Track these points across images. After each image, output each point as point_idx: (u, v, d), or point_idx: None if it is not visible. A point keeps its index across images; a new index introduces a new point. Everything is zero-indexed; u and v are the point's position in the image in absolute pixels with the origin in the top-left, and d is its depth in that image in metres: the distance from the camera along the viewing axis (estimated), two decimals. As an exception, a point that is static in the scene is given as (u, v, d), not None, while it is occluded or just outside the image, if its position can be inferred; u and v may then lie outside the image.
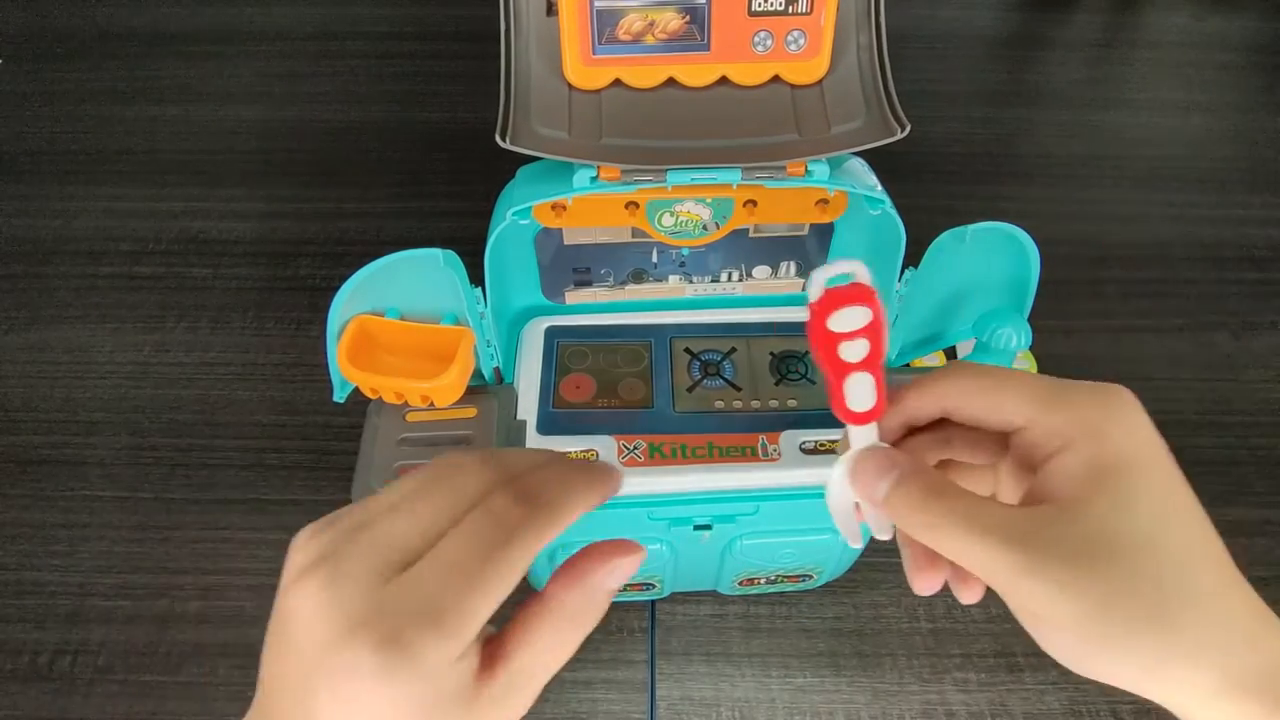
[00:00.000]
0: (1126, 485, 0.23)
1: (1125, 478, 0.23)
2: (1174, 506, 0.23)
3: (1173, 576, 0.22)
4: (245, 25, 0.89)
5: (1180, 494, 0.23)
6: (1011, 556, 0.22)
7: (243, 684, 0.45)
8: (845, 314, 0.26)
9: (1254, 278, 0.66)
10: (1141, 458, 0.23)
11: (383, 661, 0.21)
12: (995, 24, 0.94)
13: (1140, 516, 0.22)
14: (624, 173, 0.34)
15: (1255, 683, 0.21)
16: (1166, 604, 0.22)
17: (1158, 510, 0.23)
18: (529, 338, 0.44)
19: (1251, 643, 0.22)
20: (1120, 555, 0.22)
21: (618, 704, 0.44)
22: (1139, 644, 0.22)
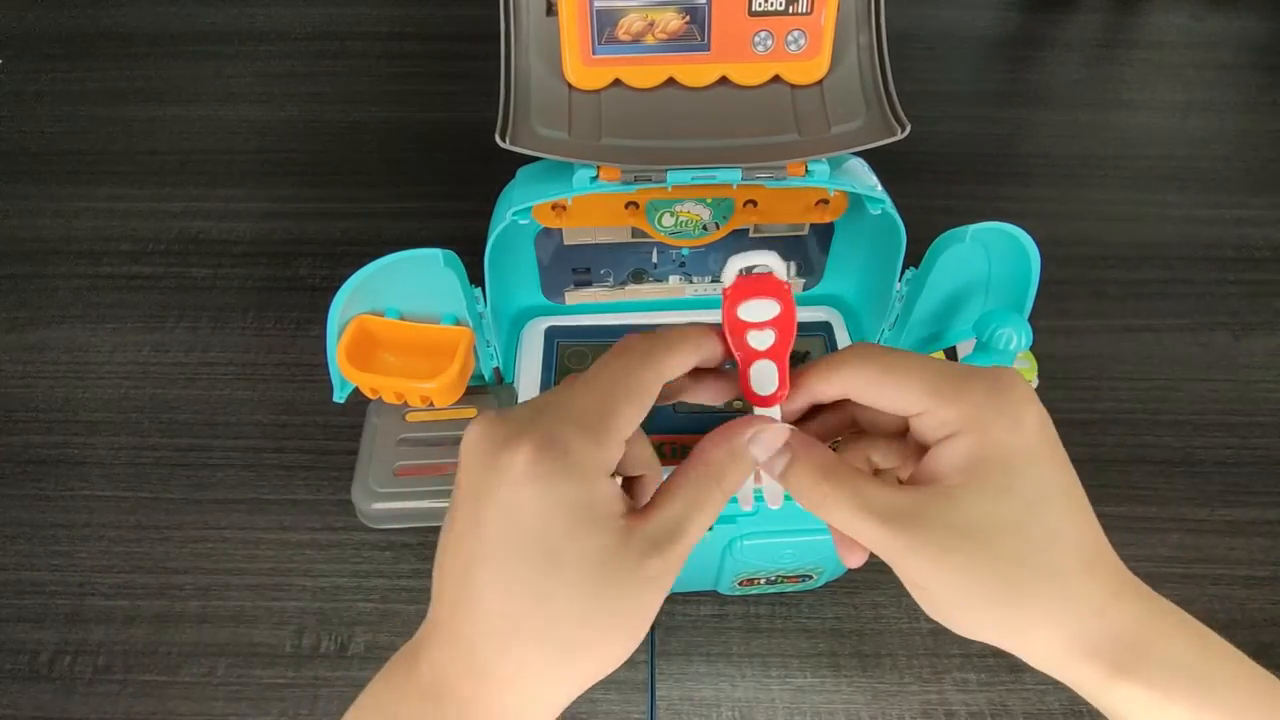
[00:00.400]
0: (1002, 476, 0.25)
1: (1002, 469, 0.25)
2: (1045, 496, 0.25)
3: (1033, 558, 0.25)
4: (245, 25, 0.89)
5: (1054, 484, 0.26)
6: (891, 535, 0.26)
7: (242, 684, 0.45)
8: (755, 305, 0.28)
9: (1254, 278, 0.66)
10: (1020, 451, 0.25)
11: (534, 460, 0.24)
12: (995, 24, 0.94)
13: (1011, 505, 0.25)
14: (624, 173, 0.34)
15: (1097, 647, 0.25)
16: (1023, 582, 0.25)
17: (1029, 499, 0.25)
18: (529, 338, 0.44)
19: (1100, 614, 0.25)
20: (988, 539, 0.25)
21: (618, 704, 0.44)
22: (1000, 615, 0.26)
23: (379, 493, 0.37)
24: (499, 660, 0.25)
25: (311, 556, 0.49)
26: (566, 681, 0.25)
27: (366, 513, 0.37)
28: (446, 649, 0.25)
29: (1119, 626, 0.25)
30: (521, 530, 0.24)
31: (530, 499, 0.24)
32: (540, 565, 0.24)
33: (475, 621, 0.25)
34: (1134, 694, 0.25)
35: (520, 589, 0.24)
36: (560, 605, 0.24)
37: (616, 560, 0.25)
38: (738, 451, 0.27)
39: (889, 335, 0.42)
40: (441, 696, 0.25)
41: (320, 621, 0.47)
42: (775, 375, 0.28)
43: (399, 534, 0.50)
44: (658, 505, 0.26)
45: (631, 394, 0.26)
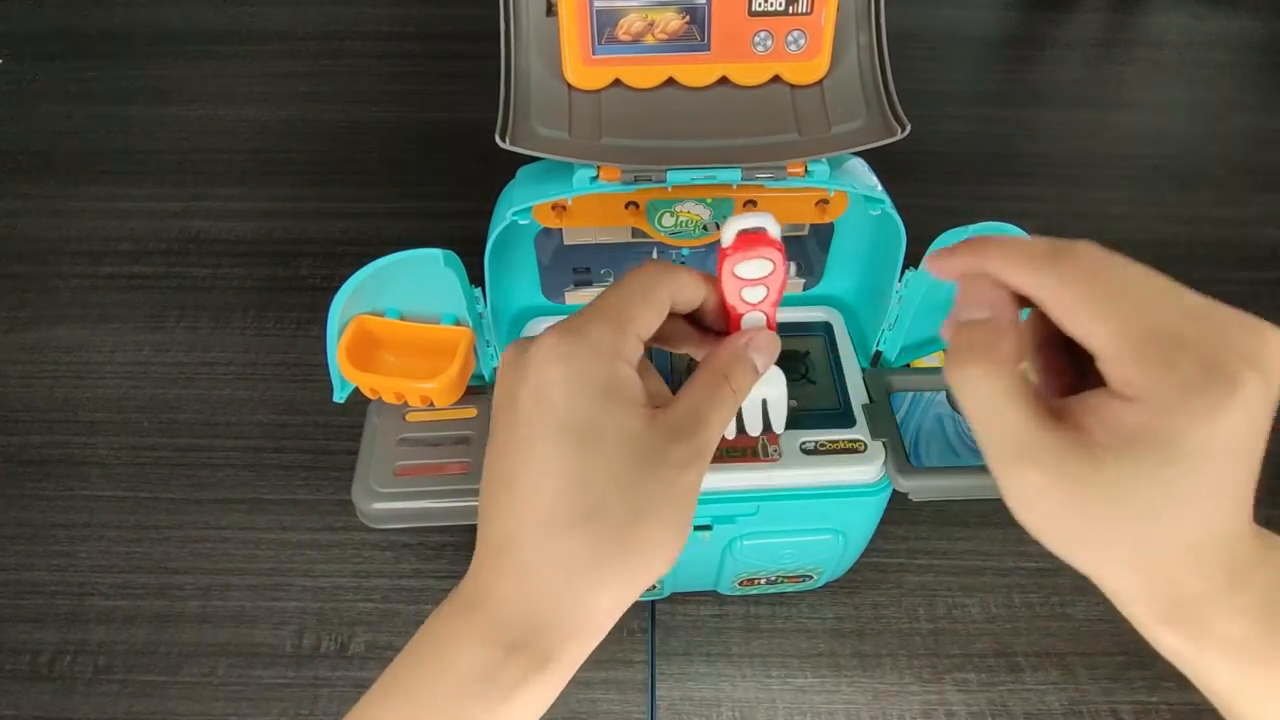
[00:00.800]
0: (1159, 462, 0.23)
1: (1163, 455, 0.23)
2: (1200, 494, 0.23)
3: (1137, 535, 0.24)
4: (245, 25, 0.89)
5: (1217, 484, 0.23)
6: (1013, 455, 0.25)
7: (242, 684, 0.45)
8: (751, 262, 0.29)
9: (1254, 278, 0.66)
10: (1197, 447, 0.22)
11: (557, 343, 0.26)
12: (995, 24, 0.94)
13: (1155, 489, 0.23)
14: (624, 173, 0.34)
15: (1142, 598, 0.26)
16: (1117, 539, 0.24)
17: (1179, 491, 0.23)
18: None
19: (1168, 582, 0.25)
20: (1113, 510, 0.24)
21: (618, 704, 0.44)
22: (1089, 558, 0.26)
23: (379, 493, 0.37)
24: (541, 554, 0.25)
25: (311, 556, 0.49)
26: (608, 587, 0.26)
27: (366, 513, 0.37)
28: (493, 560, 0.26)
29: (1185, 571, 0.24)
30: (554, 409, 0.26)
31: (558, 377, 0.26)
32: (576, 444, 0.25)
33: (521, 517, 0.26)
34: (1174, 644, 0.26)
35: (562, 470, 0.25)
36: (600, 484, 0.25)
37: (646, 441, 0.26)
38: (739, 353, 0.29)
39: (889, 335, 0.42)
40: (479, 603, 0.26)
41: (320, 621, 0.47)
42: (764, 324, 0.31)
43: (399, 534, 0.50)
44: (676, 401, 0.28)
45: (648, 298, 0.28)
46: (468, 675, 0.25)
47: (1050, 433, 0.24)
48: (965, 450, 0.40)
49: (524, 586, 0.25)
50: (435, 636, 0.26)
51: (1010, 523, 0.55)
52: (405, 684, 0.26)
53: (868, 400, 0.41)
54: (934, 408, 0.42)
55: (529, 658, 0.25)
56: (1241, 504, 0.24)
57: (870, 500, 0.39)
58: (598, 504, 0.25)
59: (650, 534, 0.26)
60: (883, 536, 0.47)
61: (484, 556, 0.27)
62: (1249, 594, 0.24)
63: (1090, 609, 0.48)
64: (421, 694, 0.25)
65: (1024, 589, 0.49)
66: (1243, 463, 0.23)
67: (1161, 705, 0.44)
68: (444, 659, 0.25)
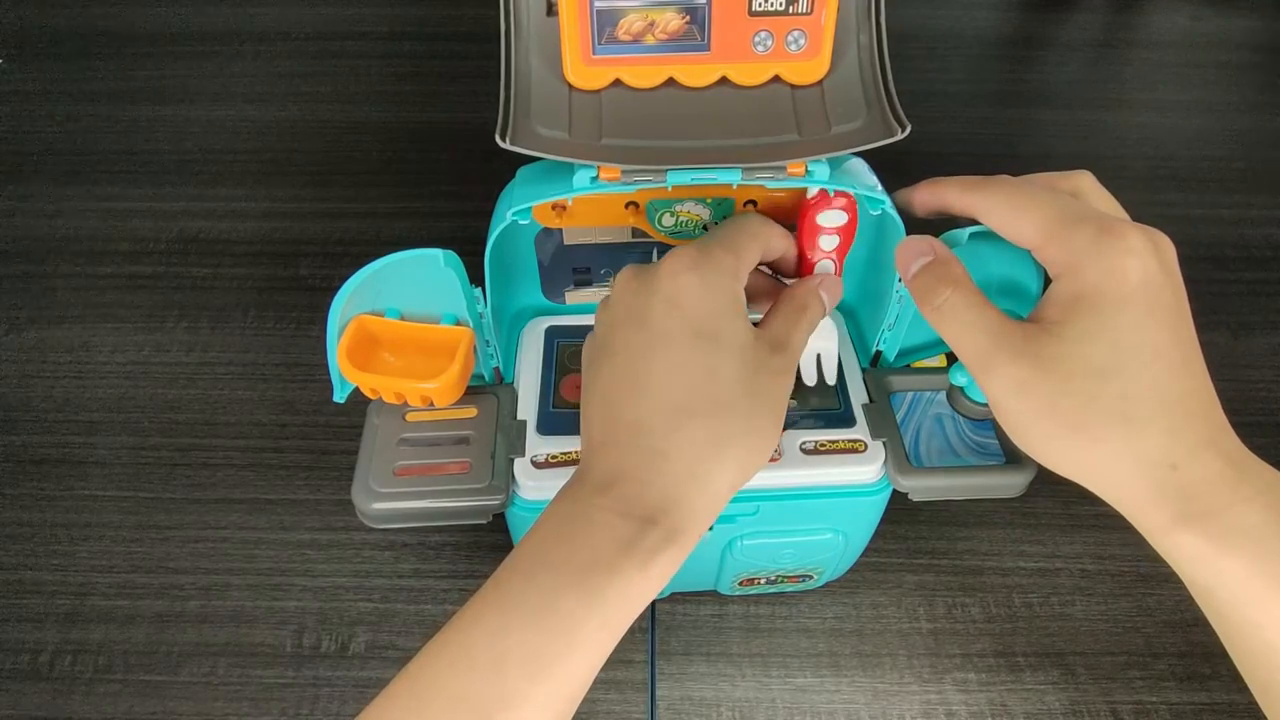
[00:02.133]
0: (1091, 319, 0.28)
1: (1093, 312, 0.28)
2: (1131, 346, 0.27)
3: (1107, 401, 0.27)
4: (245, 25, 0.89)
5: (1144, 337, 0.27)
6: (988, 352, 0.29)
7: (242, 684, 0.45)
8: (830, 214, 0.35)
9: (1254, 278, 0.66)
10: (1112, 298, 0.27)
11: (693, 260, 0.31)
12: (995, 24, 0.94)
13: (1096, 348, 0.27)
14: (624, 173, 0.34)
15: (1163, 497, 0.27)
16: (1094, 422, 0.27)
17: (1114, 345, 0.27)
18: (529, 338, 0.44)
19: (1174, 467, 0.27)
20: (1070, 375, 0.27)
21: (618, 704, 0.44)
22: (1070, 446, 0.28)
23: (379, 493, 0.37)
24: (673, 438, 0.29)
25: (311, 556, 0.49)
26: (728, 468, 0.29)
27: (366, 513, 0.37)
28: (624, 444, 0.30)
29: (1191, 482, 0.27)
30: (686, 313, 0.30)
31: (693, 284, 0.30)
32: (704, 344, 0.30)
33: (655, 405, 0.29)
34: (1191, 545, 0.27)
35: (693, 366, 0.29)
36: (723, 381, 0.29)
37: (754, 349, 0.31)
38: (813, 289, 0.35)
39: (889, 336, 0.42)
40: (615, 485, 0.29)
41: (320, 621, 0.47)
42: (834, 271, 0.37)
43: (399, 534, 0.50)
44: (768, 322, 0.33)
45: (756, 238, 0.33)
46: (608, 546, 0.27)
47: (1017, 325, 0.29)
48: (965, 450, 0.40)
49: (657, 466, 0.29)
50: (569, 514, 0.29)
51: (1010, 523, 0.56)
52: (545, 556, 0.28)
53: (868, 400, 0.41)
54: (934, 408, 0.42)
55: (663, 530, 0.28)
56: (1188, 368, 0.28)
57: (870, 500, 0.39)
58: (722, 397, 0.29)
59: (762, 423, 0.30)
60: (883, 536, 0.47)
61: (608, 443, 0.30)
62: (1252, 484, 0.27)
63: (1090, 609, 0.48)
64: (564, 566, 0.27)
65: (1024, 589, 0.49)
66: (1162, 316, 0.28)
67: (1161, 705, 0.44)
68: (584, 532, 0.28)
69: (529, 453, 0.38)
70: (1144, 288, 0.28)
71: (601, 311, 0.34)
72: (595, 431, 0.31)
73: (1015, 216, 0.30)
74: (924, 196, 0.34)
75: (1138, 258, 0.28)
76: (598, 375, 0.32)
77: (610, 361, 0.31)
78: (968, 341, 0.30)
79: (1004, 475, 0.39)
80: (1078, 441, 0.28)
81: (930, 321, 0.31)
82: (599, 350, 0.33)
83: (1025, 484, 0.39)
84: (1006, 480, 0.39)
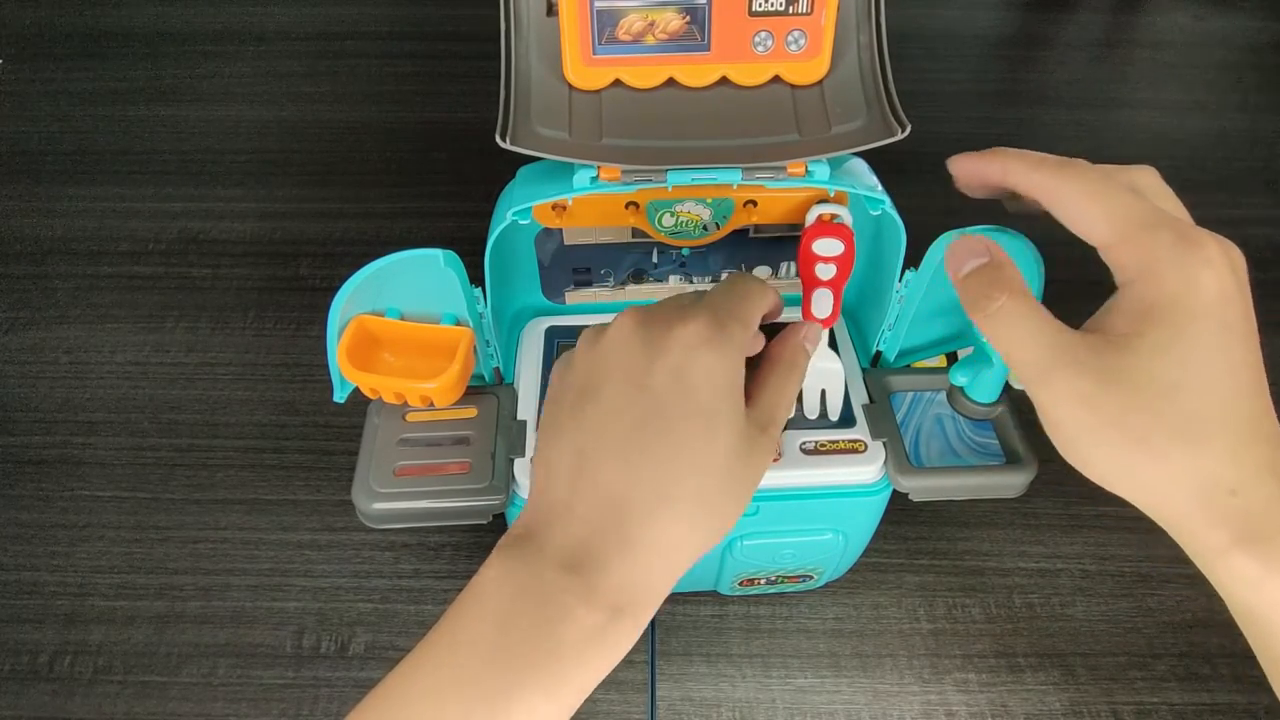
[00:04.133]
0: (1164, 331, 0.26)
1: (1167, 325, 0.26)
2: (1204, 362, 0.26)
3: (1172, 419, 0.26)
4: (245, 25, 0.89)
5: (1218, 354, 0.26)
6: (1046, 363, 0.27)
7: (241, 684, 0.45)
8: (825, 242, 0.36)
9: (1254, 278, 0.66)
10: (1188, 311, 0.26)
11: (709, 331, 0.29)
12: (995, 24, 0.94)
13: (1165, 363, 0.26)
14: (624, 173, 0.34)
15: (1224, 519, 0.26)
16: (1155, 440, 0.26)
17: (1185, 361, 0.26)
18: (529, 338, 0.44)
19: (1233, 492, 0.26)
20: (1134, 389, 0.26)
21: (618, 704, 0.44)
22: (1127, 464, 0.26)
23: (379, 493, 0.37)
24: (653, 525, 0.27)
25: (311, 556, 0.49)
26: (696, 548, 0.29)
27: (366, 513, 0.37)
28: (585, 523, 0.28)
29: (1250, 506, 0.26)
30: (691, 389, 0.28)
31: (706, 362, 0.28)
32: (702, 427, 0.28)
33: (631, 486, 0.28)
34: (1245, 567, 0.26)
35: (684, 450, 0.28)
36: (713, 470, 0.28)
37: (746, 432, 0.29)
38: (798, 345, 0.34)
39: (889, 336, 0.42)
40: (583, 567, 0.27)
41: (320, 621, 0.47)
42: (831, 303, 0.36)
43: (399, 534, 0.50)
44: (757, 395, 0.31)
45: (760, 304, 0.32)
46: (576, 637, 0.26)
47: (1080, 335, 0.27)
48: (965, 450, 0.40)
49: (633, 553, 0.27)
50: (529, 589, 0.27)
51: (1010, 523, 0.56)
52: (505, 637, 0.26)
53: (868, 400, 0.41)
54: (934, 408, 0.42)
55: (630, 616, 0.27)
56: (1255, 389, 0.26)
57: (870, 500, 0.39)
58: (709, 486, 0.28)
59: (736, 508, 0.29)
60: (883, 536, 0.47)
61: (577, 511, 0.28)
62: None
63: (1090, 609, 0.48)
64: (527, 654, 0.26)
65: (1024, 589, 0.49)
66: (1235, 334, 0.26)
67: (1162, 705, 0.44)
68: (549, 619, 0.26)
69: (529, 453, 0.38)
70: (1219, 303, 0.26)
71: (592, 346, 0.31)
72: (561, 488, 0.29)
73: (1090, 209, 0.28)
74: (982, 166, 0.32)
75: (1214, 270, 0.27)
76: (576, 419, 0.29)
77: (595, 411, 0.29)
78: (1023, 351, 0.28)
79: (1004, 475, 0.39)
80: (1138, 458, 0.26)
81: (980, 328, 0.29)
82: (582, 392, 0.30)
83: (1025, 484, 0.39)
84: (1006, 480, 0.39)
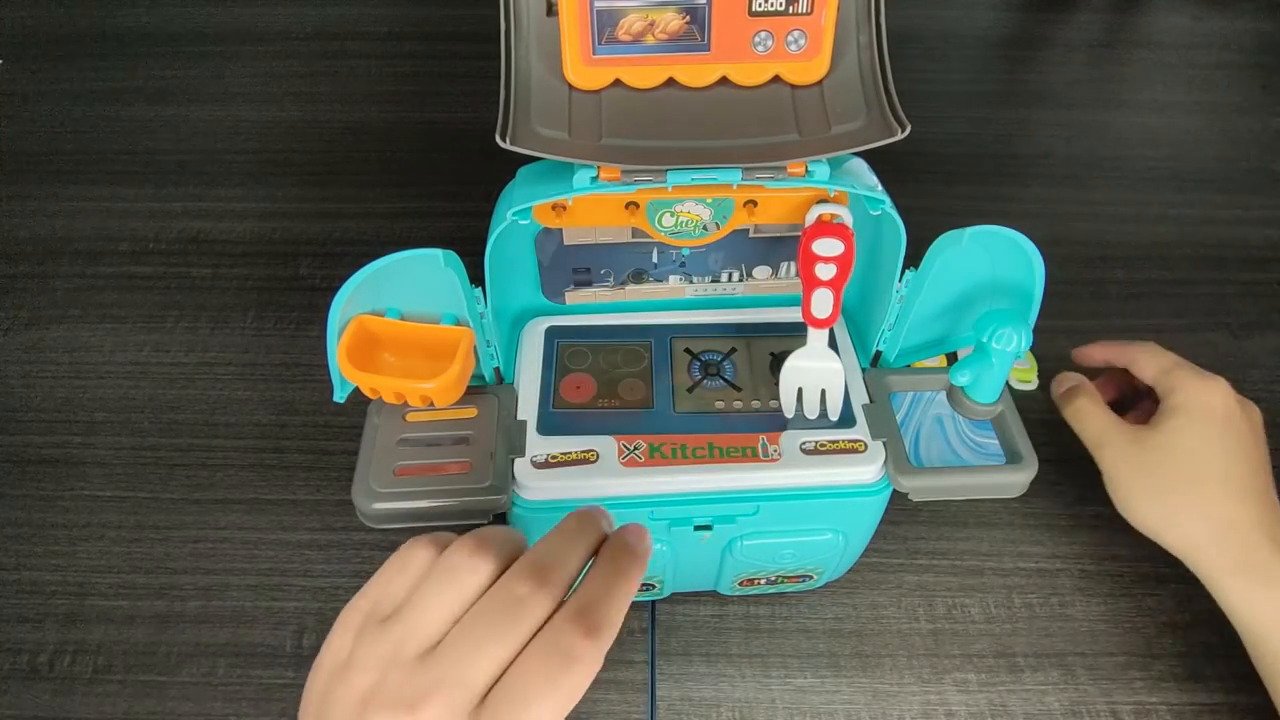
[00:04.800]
0: (1185, 421, 0.42)
1: (1183, 420, 0.42)
2: (1206, 444, 0.41)
3: (1185, 474, 0.41)
4: (245, 25, 0.89)
5: (1215, 442, 0.41)
6: (1108, 439, 0.43)
7: (241, 684, 0.45)
8: (825, 242, 0.36)
9: (1254, 278, 0.66)
10: (1202, 412, 0.41)
11: None
12: (995, 24, 0.94)
13: (1185, 438, 0.41)
14: (624, 173, 0.34)
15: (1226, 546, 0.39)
16: (1174, 489, 0.41)
17: (1195, 443, 0.41)
18: (529, 338, 0.44)
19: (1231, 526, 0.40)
20: (1161, 456, 0.41)
21: (618, 704, 0.44)
22: (1156, 506, 0.41)
23: (379, 493, 0.37)
24: None
25: (311, 556, 0.49)
26: None
27: (366, 513, 0.37)
28: None
29: (1244, 539, 0.39)
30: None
31: None
32: None
33: None
34: (1244, 588, 0.39)
35: None
36: None
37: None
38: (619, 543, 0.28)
39: (889, 336, 0.42)
40: None
41: (320, 621, 0.47)
42: (831, 302, 0.37)
43: (399, 534, 0.50)
44: None
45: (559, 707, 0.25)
46: None
47: (1121, 425, 0.44)
48: (965, 450, 0.40)
49: None
50: None
51: (1010, 523, 0.56)
52: None
53: (868, 400, 0.41)
54: (934, 408, 0.42)
55: None
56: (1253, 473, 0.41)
57: (870, 500, 0.39)
58: None
59: None
60: (883, 536, 0.47)
61: None
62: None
63: (1090, 609, 0.48)
64: None
65: (1024, 589, 0.49)
66: (1235, 435, 0.41)
67: (1161, 706, 0.44)
68: None
69: (529, 453, 0.38)
70: (1225, 414, 0.42)
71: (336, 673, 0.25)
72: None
73: (1147, 363, 0.45)
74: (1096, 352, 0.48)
75: (1223, 398, 0.42)
76: None
77: None
78: (1092, 428, 0.44)
79: (1004, 475, 0.39)
80: (1159, 499, 0.41)
81: (1067, 418, 0.45)
82: None
83: (1025, 484, 0.39)
84: (1006, 480, 0.39)
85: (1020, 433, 0.40)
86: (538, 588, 0.25)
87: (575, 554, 0.27)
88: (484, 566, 0.26)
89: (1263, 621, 0.38)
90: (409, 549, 0.27)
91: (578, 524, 0.28)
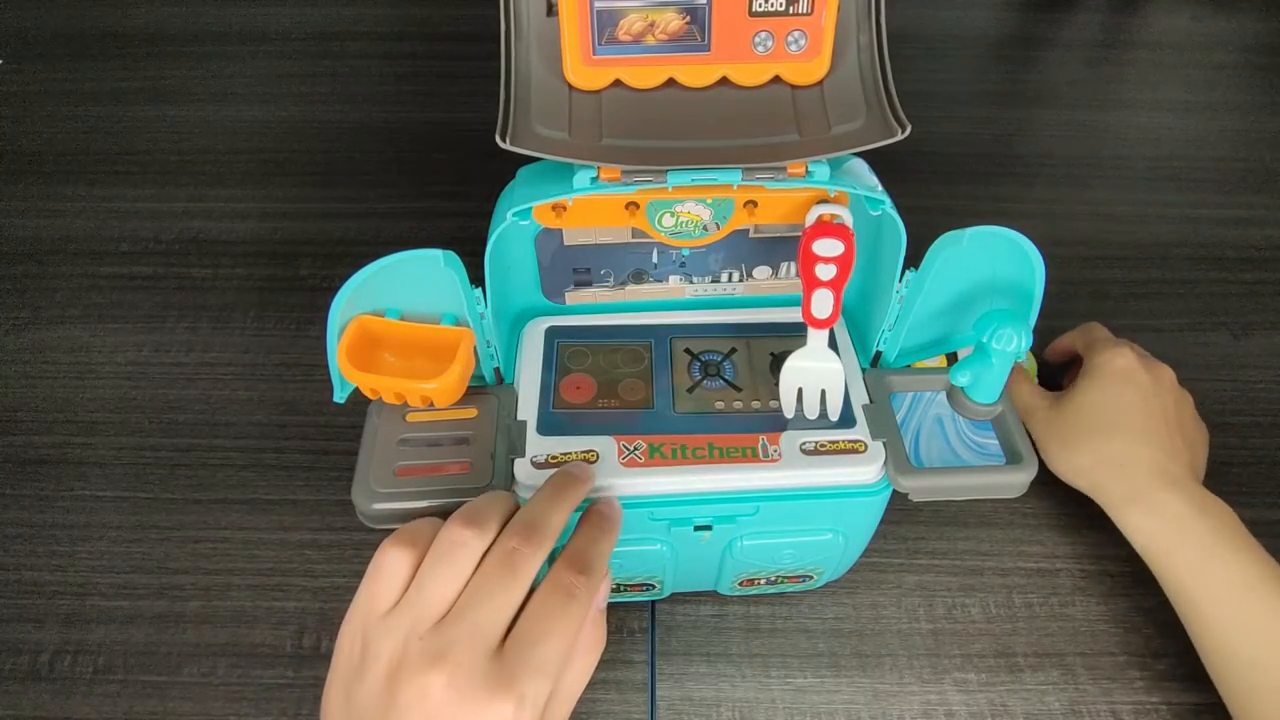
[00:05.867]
0: (1089, 382, 0.48)
1: (1090, 380, 0.48)
2: (1111, 397, 0.47)
3: (1085, 431, 0.47)
4: (245, 25, 0.89)
5: (1120, 395, 0.47)
6: (1032, 403, 0.50)
7: (242, 684, 0.45)
8: (825, 242, 0.36)
9: (1254, 278, 0.66)
10: (1103, 373, 0.48)
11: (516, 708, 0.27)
12: (995, 24, 0.94)
13: (1090, 396, 0.48)
14: (624, 173, 0.34)
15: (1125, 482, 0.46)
16: (1077, 442, 0.47)
17: (1101, 395, 0.48)
18: (529, 338, 0.44)
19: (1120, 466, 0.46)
20: (1075, 412, 0.48)
21: (618, 704, 0.44)
22: (1065, 455, 0.48)
23: (379, 493, 0.37)
24: None
25: (311, 556, 0.49)
26: None
27: (366, 513, 0.37)
28: None
29: (1135, 479, 0.45)
30: None
31: None
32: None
33: None
34: (1137, 518, 0.45)
35: None
36: None
37: None
38: None
39: (889, 336, 0.42)
40: None
41: (320, 621, 0.47)
42: (831, 303, 0.37)
43: (399, 534, 0.50)
44: None
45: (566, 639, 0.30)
46: None
47: (1043, 393, 0.51)
48: (965, 450, 0.40)
49: None
50: None
51: (1010, 523, 0.56)
52: None
53: (868, 400, 0.41)
54: (934, 408, 0.42)
55: None
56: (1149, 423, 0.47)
57: (870, 500, 0.39)
58: None
59: None
60: (883, 536, 0.47)
61: None
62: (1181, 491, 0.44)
63: (1090, 609, 0.48)
64: None
65: (1024, 589, 0.49)
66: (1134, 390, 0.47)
67: (1161, 705, 0.44)
68: None
69: (529, 453, 0.38)
70: (1125, 372, 0.48)
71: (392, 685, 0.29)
72: None
73: (1078, 340, 0.53)
74: (1058, 346, 0.55)
75: (1124, 359, 0.48)
76: None
77: None
78: (1020, 400, 0.50)
79: (1004, 475, 0.39)
80: (1071, 450, 0.47)
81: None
82: None
83: (1025, 484, 0.39)
84: (1006, 480, 0.39)
85: (1020, 433, 0.40)
86: (526, 541, 0.30)
87: (559, 512, 0.32)
88: (475, 540, 0.30)
89: (1153, 542, 0.44)
90: (381, 555, 0.30)
91: (561, 483, 0.34)
